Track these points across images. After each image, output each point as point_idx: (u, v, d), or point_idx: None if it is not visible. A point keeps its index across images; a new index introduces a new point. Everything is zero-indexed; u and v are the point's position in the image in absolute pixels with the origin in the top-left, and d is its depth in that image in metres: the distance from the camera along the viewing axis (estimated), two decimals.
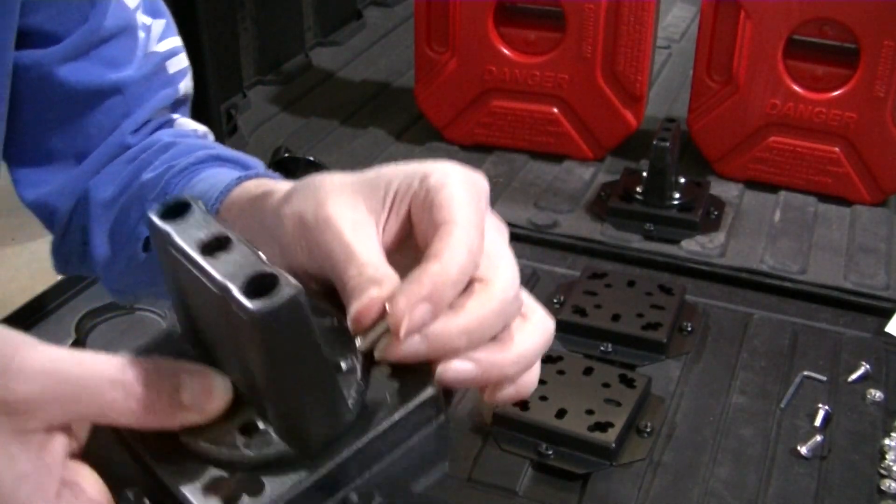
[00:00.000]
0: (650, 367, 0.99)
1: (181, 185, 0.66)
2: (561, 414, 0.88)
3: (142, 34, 0.73)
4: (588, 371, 0.94)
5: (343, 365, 0.44)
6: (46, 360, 0.42)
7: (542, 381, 0.90)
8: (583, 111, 1.36)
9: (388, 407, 0.44)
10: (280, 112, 1.56)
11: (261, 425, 0.43)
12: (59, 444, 0.43)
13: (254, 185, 0.60)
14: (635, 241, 1.21)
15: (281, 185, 0.56)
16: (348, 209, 0.47)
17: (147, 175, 0.69)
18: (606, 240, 1.22)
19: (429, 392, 0.45)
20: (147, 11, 0.74)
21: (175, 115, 0.77)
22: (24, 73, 0.68)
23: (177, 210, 0.42)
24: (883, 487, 0.85)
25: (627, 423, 0.88)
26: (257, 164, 0.70)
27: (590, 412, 0.88)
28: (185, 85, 0.77)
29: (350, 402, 0.43)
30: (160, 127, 0.75)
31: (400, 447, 0.45)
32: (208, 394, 0.43)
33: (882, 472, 0.86)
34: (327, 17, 1.79)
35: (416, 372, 0.45)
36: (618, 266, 1.17)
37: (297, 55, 1.72)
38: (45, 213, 0.75)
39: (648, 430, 0.89)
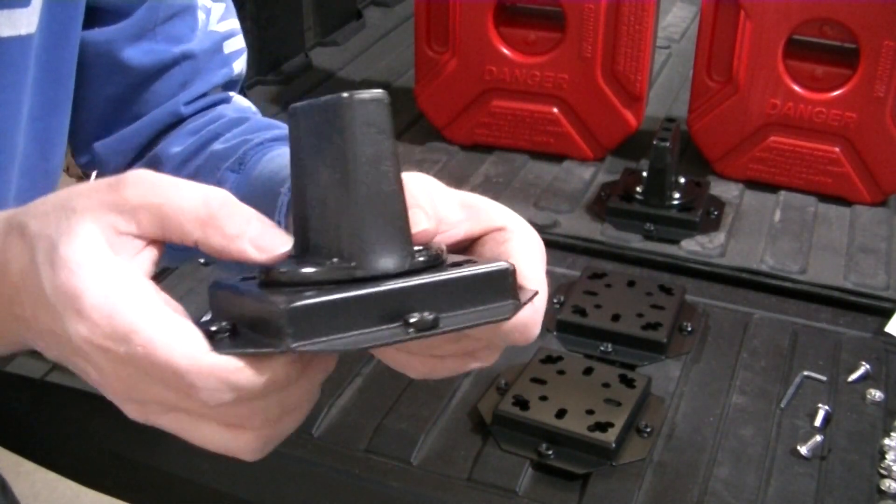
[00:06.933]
0: (650, 367, 0.99)
1: (256, 158, 0.69)
2: (561, 414, 0.88)
3: (202, 14, 0.75)
4: (588, 371, 0.94)
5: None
6: (155, 183, 0.46)
7: (541, 381, 0.92)
8: (583, 111, 1.36)
9: (461, 265, 0.47)
10: (280, 112, 1.56)
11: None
12: (153, 254, 0.47)
13: None
14: (635, 241, 1.21)
15: None
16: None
17: (219, 146, 0.72)
18: (606, 240, 1.21)
19: (503, 265, 0.47)
20: None
21: (231, 93, 0.80)
22: (90, 51, 0.70)
23: None
24: (883, 487, 0.85)
25: (627, 423, 0.88)
26: None
27: (590, 412, 0.88)
28: (240, 65, 0.80)
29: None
30: (216, 103, 0.78)
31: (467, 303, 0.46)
32: (273, 242, 0.46)
33: (882, 472, 0.86)
34: (327, 17, 1.79)
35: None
36: (618, 266, 1.17)
37: (297, 55, 1.71)
38: (97, 169, 0.77)
39: (648, 430, 0.89)
